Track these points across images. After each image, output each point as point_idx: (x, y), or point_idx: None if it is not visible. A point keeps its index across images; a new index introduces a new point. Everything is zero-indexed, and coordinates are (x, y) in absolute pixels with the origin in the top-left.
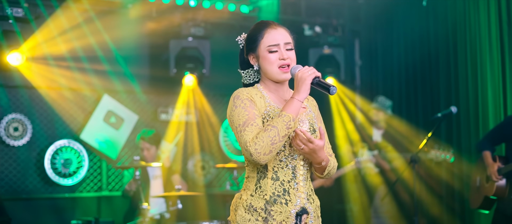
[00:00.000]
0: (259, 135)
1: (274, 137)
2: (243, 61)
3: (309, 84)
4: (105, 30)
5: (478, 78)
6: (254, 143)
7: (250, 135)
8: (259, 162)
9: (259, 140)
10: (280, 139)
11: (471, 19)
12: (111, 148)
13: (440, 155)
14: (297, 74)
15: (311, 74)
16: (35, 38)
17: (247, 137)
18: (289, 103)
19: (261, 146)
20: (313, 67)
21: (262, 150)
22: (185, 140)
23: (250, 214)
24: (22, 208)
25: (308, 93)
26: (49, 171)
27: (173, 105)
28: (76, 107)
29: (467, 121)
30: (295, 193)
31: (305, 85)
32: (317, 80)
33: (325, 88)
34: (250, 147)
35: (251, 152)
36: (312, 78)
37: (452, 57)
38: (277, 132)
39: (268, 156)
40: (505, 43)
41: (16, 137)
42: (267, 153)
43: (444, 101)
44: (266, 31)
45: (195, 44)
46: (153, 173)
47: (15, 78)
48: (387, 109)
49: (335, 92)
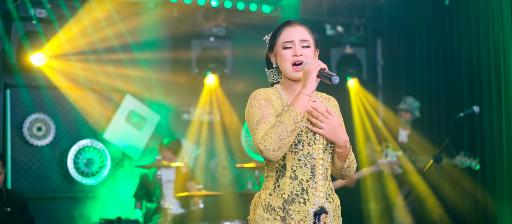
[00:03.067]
0: (268, 131)
1: (282, 133)
2: (268, 61)
3: (315, 77)
4: (127, 30)
5: (502, 78)
6: (263, 140)
7: (262, 132)
8: (270, 158)
9: (268, 137)
10: (289, 135)
11: (494, 18)
12: (133, 148)
13: (465, 162)
14: (303, 68)
15: (316, 66)
16: (58, 38)
17: (258, 135)
18: (296, 98)
19: (270, 142)
20: (319, 60)
21: (271, 146)
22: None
23: (268, 213)
24: (45, 207)
25: (315, 86)
26: (72, 170)
27: (195, 105)
28: (99, 107)
29: (491, 121)
30: (313, 192)
31: (310, 79)
32: (322, 71)
33: (328, 78)
34: (260, 144)
35: (262, 149)
36: (317, 70)
37: (475, 56)
38: (285, 128)
39: (278, 152)
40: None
41: (40, 137)
42: (277, 150)
43: (467, 100)
44: (284, 29)
45: (217, 44)
46: (167, 177)
47: (39, 79)
48: (415, 110)
49: (337, 81)
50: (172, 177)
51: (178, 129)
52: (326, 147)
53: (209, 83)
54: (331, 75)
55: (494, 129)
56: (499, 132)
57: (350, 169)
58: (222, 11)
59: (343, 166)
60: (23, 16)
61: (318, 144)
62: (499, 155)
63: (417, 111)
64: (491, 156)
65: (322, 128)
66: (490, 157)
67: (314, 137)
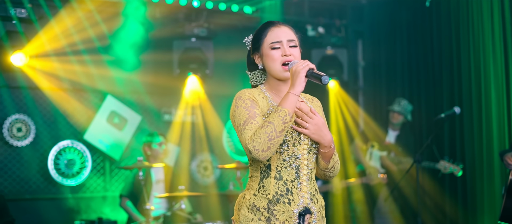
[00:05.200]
0: (257, 132)
1: (271, 133)
2: (250, 63)
3: (303, 77)
4: (109, 31)
5: (482, 79)
6: (252, 140)
7: (250, 133)
8: (258, 159)
9: (257, 137)
10: (278, 135)
11: (474, 20)
12: (114, 148)
13: (448, 167)
14: (291, 68)
15: (304, 66)
16: (39, 38)
17: (247, 135)
18: (285, 98)
19: (259, 142)
20: (307, 60)
21: (260, 146)
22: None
23: (253, 214)
24: (25, 208)
25: (303, 86)
26: (53, 171)
27: (176, 105)
28: (80, 107)
29: (470, 122)
30: (298, 192)
31: (299, 78)
32: (311, 71)
33: (318, 78)
34: (249, 144)
35: (250, 150)
36: (306, 70)
37: (455, 57)
38: (274, 128)
39: (267, 153)
40: (509, 43)
41: (20, 138)
42: (266, 150)
43: (447, 102)
44: (269, 30)
45: (199, 44)
46: (156, 177)
47: (19, 79)
48: (408, 114)
49: (328, 81)
50: (161, 177)
51: (159, 130)
52: (310, 148)
53: (191, 84)
54: (320, 75)
55: (474, 130)
56: (479, 133)
57: (334, 169)
58: (203, 12)
59: (327, 166)
60: (3, 15)
61: (303, 145)
62: (479, 156)
63: (410, 115)
64: (471, 157)
65: (307, 128)
66: (470, 158)
67: (299, 138)
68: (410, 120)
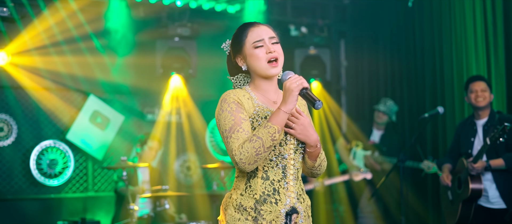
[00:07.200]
0: (245, 145)
1: (259, 148)
2: (231, 67)
3: (296, 95)
4: (92, 30)
5: (464, 78)
6: (239, 152)
7: (236, 142)
8: (244, 170)
9: (244, 150)
10: (265, 150)
11: (457, 20)
12: (97, 148)
13: (432, 167)
14: (285, 83)
15: (298, 85)
16: (22, 37)
17: (233, 145)
18: (275, 114)
19: (246, 156)
20: (302, 77)
21: (247, 160)
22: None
23: (240, 214)
24: (7, 209)
25: (295, 104)
26: (35, 171)
27: (160, 105)
28: (62, 107)
29: (453, 122)
30: (285, 192)
31: (292, 96)
32: (305, 91)
33: (311, 101)
34: (235, 156)
35: (237, 161)
36: (299, 89)
37: (438, 57)
38: (262, 144)
39: (253, 165)
40: (491, 44)
41: (1, 138)
42: (252, 163)
43: (430, 101)
44: (249, 30)
45: (182, 44)
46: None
47: (1, 78)
48: (393, 114)
49: (320, 107)
50: (147, 178)
51: (142, 129)
52: (297, 147)
53: (174, 83)
54: (314, 100)
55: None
56: None
57: (321, 167)
58: (187, 11)
59: (314, 165)
60: None
61: (289, 145)
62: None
63: (394, 116)
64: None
65: (293, 128)
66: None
67: (285, 138)
68: (394, 121)
